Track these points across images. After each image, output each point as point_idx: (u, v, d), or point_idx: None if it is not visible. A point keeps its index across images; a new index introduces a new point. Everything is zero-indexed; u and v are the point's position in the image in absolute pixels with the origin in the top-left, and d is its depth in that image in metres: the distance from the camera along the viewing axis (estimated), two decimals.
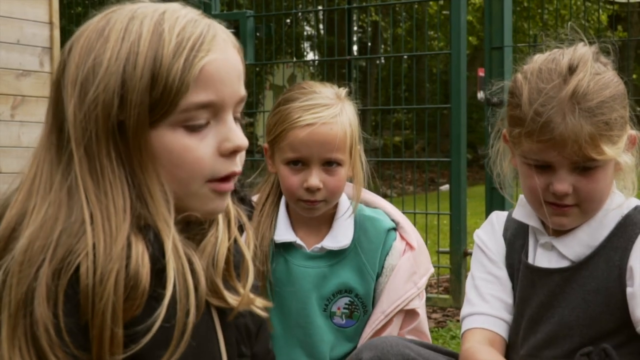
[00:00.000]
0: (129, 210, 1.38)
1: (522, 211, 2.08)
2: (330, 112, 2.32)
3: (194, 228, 1.50)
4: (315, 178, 2.32)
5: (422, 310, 2.46)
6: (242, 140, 1.46)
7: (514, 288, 2.10)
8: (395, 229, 2.46)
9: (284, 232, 2.44)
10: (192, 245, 1.48)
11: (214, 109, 1.44)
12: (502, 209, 5.30)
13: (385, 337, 2.10)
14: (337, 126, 2.31)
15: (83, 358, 1.33)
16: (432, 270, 2.50)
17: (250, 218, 1.63)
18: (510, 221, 2.16)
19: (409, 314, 2.44)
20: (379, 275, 2.43)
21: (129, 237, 1.36)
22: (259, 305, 1.59)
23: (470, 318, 2.09)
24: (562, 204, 1.94)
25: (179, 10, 1.45)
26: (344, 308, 2.44)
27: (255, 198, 2.50)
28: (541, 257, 2.05)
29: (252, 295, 1.57)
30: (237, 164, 1.48)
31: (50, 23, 6.35)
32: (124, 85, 1.37)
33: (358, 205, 2.46)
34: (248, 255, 1.57)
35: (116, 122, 1.38)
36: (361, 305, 2.43)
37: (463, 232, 5.68)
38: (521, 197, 2.09)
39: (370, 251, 2.42)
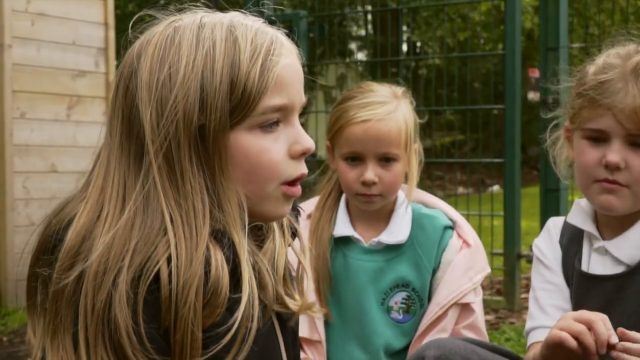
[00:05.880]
0: (208, 215, 1.40)
1: (577, 216, 2.08)
2: (385, 109, 2.41)
3: (254, 234, 1.53)
4: (370, 172, 2.40)
5: (478, 307, 2.50)
6: (311, 143, 1.50)
7: (570, 294, 2.09)
8: (452, 228, 2.52)
9: (342, 227, 2.51)
10: (256, 250, 1.50)
11: (285, 112, 1.48)
12: (557, 211, 5.26)
13: (453, 338, 2.10)
14: (391, 122, 2.40)
15: None
16: (488, 270, 2.54)
17: (297, 222, 1.66)
18: (566, 227, 2.15)
19: (465, 310, 2.47)
20: (435, 270, 2.48)
21: (207, 243, 1.39)
22: (316, 310, 1.63)
23: (533, 332, 2.09)
24: (612, 180, 1.93)
25: (244, 18, 1.50)
26: (401, 303, 2.48)
27: (317, 198, 2.59)
28: (595, 263, 2.03)
29: (309, 301, 1.61)
30: (305, 166, 1.52)
31: (106, 24, 6.43)
32: (203, 91, 1.40)
33: (416, 204, 2.53)
34: (304, 261, 1.61)
35: (197, 127, 1.41)
36: (418, 299, 2.47)
37: (517, 234, 5.64)
38: (576, 201, 2.09)
39: (427, 246, 2.48)
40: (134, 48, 1.48)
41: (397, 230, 2.49)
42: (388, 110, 2.41)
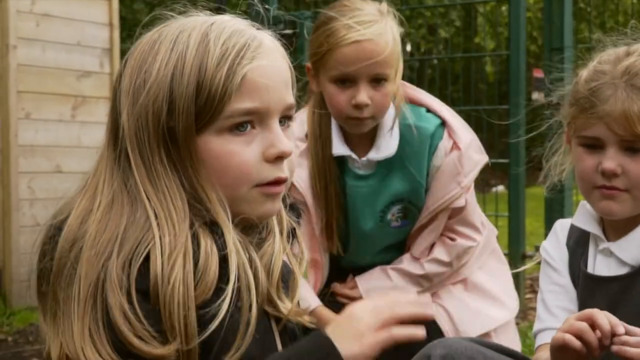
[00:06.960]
0: (188, 209, 1.43)
1: (582, 218, 2.08)
2: (375, 28, 2.34)
3: (252, 233, 1.53)
4: (363, 94, 2.35)
5: (470, 200, 2.53)
6: (287, 146, 1.49)
7: (576, 295, 2.09)
8: (442, 125, 2.49)
9: (338, 146, 2.49)
10: (252, 245, 1.51)
11: (260, 116, 1.47)
12: (562, 211, 5.24)
13: (459, 338, 2.10)
14: (382, 42, 2.33)
15: (162, 341, 1.37)
16: (483, 161, 2.55)
17: (298, 225, 1.66)
18: (573, 229, 2.14)
19: (456, 210, 2.52)
20: (427, 177, 2.50)
21: (195, 231, 1.42)
22: (307, 319, 1.62)
23: (540, 334, 2.09)
24: (610, 186, 1.93)
25: (227, 21, 1.50)
26: (398, 212, 2.52)
27: (303, 114, 2.54)
28: (600, 265, 2.03)
29: (301, 309, 1.62)
30: (284, 170, 1.50)
31: (110, 25, 6.43)
32: (172, 93, 1.43)
33: (401, 113, 2.49)
34: (297, 269, 1.61)
35: (166, 129, 1.44)
36: (414, 208, 2.51)
37: (522, 234, 5.63)
38: (581, 203, 2.09)
39: (415, 159, 2.47)
40: (127, 54, 1.52)
41: (384, 146, 2.46)
42: (378, 29, 2.34)
